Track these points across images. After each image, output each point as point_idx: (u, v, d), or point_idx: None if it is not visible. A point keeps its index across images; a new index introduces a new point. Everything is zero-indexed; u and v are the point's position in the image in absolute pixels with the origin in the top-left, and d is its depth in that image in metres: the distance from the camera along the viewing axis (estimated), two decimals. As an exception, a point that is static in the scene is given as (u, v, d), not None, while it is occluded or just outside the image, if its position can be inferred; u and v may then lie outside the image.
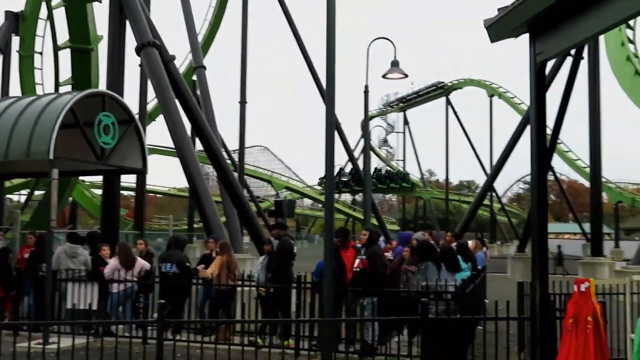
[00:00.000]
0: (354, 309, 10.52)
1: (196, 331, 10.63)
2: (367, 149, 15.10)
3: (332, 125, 7.27)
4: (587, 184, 73.56)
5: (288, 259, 11.18)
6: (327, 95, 7.48)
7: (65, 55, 27.65)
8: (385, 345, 9.86)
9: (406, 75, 14.11)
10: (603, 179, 28.54)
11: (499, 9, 7.64)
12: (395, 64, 14.14)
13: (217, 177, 16.99)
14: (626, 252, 44.49)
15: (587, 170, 49.60)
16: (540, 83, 7.73)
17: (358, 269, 10.46)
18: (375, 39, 14.37)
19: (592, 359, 5.74)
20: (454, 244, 13.14)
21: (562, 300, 8.42)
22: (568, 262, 35.01)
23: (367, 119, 14.61)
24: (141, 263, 11.91)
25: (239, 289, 11.38)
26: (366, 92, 14.56)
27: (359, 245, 11.62)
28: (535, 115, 7.64)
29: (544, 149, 7.67)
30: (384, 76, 14.15)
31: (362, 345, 10.08)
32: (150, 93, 33.46)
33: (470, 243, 15.22)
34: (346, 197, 75.01)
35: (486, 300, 13.67)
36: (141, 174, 13.33)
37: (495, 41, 8.01)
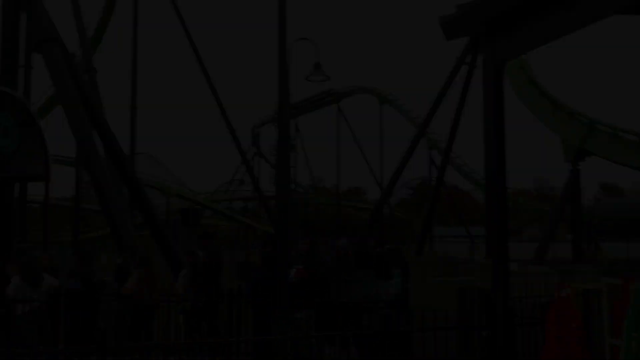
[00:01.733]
0: (291, 322, 9.92)
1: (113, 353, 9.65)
2: (288, 150, 14.28)
3: (287, 121, 6.70)
4: (466, 188, 76.91)
5: (219, 271, 10.43)
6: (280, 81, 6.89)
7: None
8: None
9: (328, 78, 13.71)
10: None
11: (457, 6, 7.36)
12: (317, 66, 13.69)
13: (124, 184, 15.81)
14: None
15: (474, 175, 51.81)
16: (498, 85, 7.45)
17: (295, 279, 9.87)
18: (298, 40, 13.81)
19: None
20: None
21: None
22: (460, 265, 36.18)
23: (287, 119, 13.89)
24: (49, 280, 10.68)
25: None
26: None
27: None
28: (493, 122, 7.31)
29: (502, 159, 7.31)
30: (307, 78, 13.66)
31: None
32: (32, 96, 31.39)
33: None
34: (236, 204, 73.88)
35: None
36: (43, 181, 12.10)
37: (450, 39, 7.79)
